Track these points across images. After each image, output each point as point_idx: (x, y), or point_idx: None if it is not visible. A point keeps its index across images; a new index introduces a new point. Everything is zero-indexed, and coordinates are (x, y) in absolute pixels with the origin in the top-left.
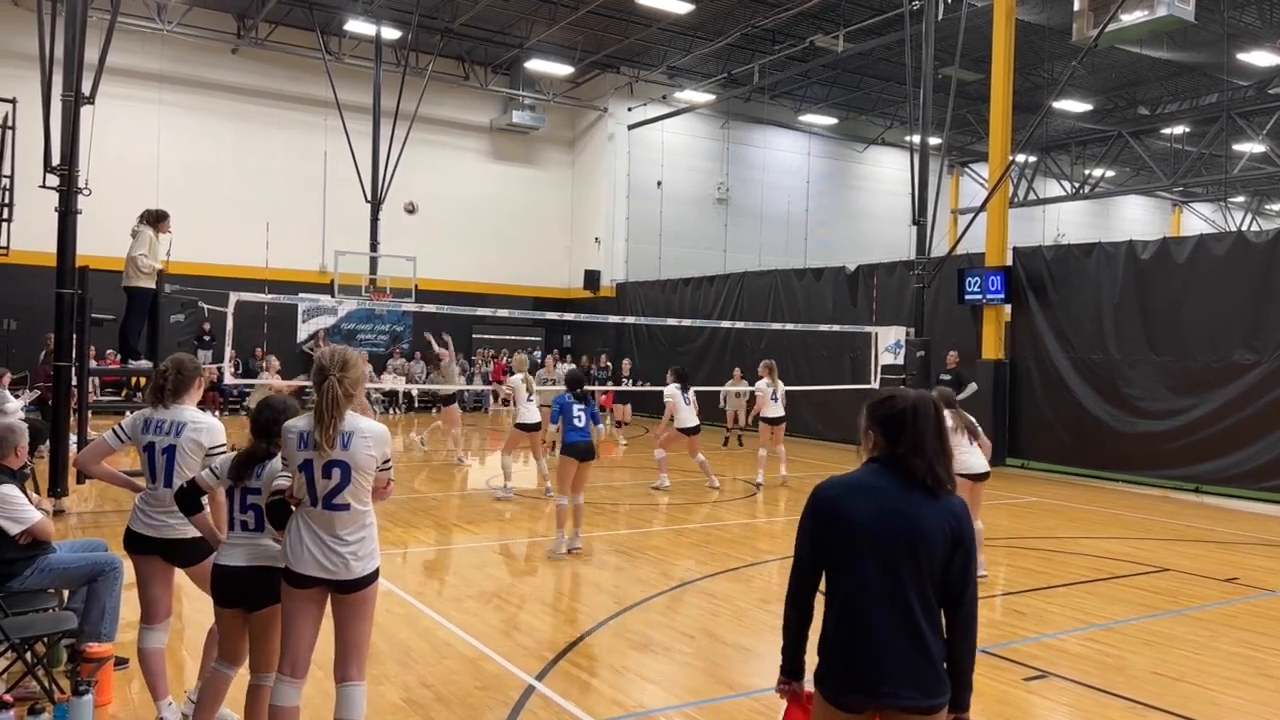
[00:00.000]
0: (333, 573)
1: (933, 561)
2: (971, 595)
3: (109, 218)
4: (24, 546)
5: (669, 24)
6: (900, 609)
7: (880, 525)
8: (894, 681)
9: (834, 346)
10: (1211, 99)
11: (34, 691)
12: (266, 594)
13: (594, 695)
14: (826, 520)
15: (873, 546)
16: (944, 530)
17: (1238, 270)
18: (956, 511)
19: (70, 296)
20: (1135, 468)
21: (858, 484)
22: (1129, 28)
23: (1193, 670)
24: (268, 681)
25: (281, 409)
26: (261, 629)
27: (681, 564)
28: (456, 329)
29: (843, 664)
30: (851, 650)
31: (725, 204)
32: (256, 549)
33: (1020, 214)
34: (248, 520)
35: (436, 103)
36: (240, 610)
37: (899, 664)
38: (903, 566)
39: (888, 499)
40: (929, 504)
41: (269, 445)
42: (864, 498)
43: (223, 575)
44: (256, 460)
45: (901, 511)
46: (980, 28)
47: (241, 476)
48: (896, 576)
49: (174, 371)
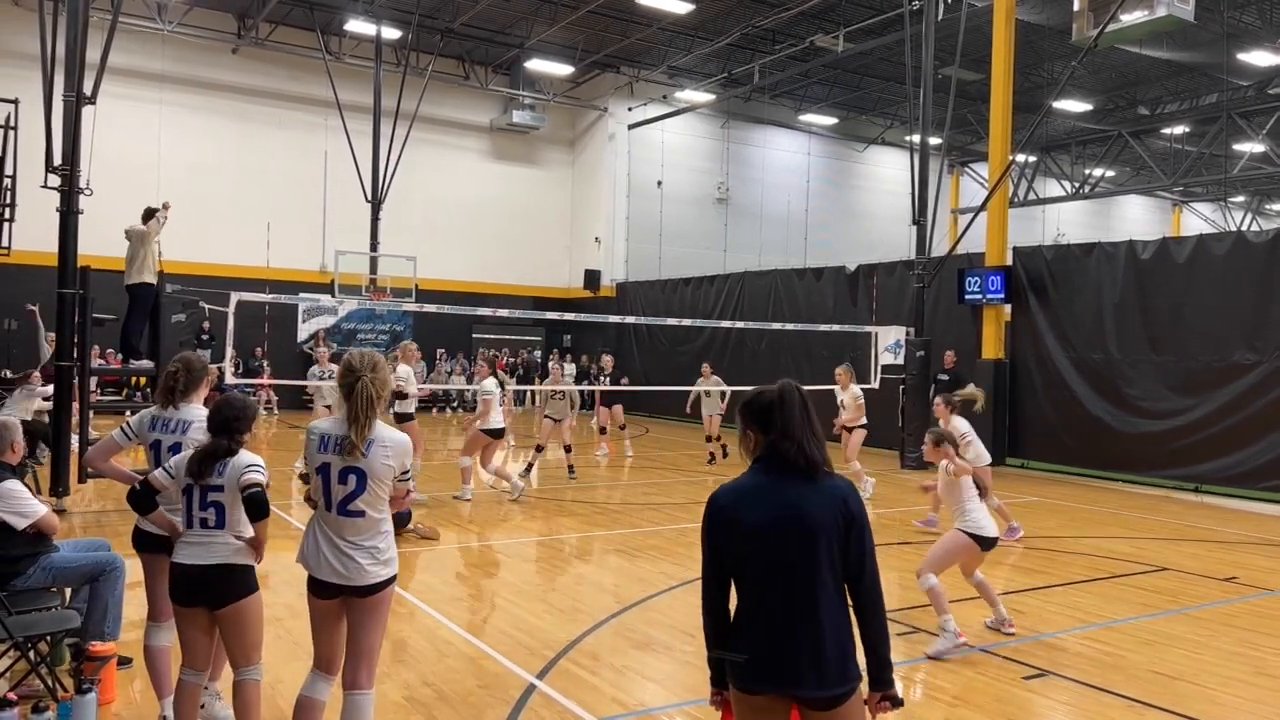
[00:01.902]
0: (347, 578)
1: (830, 548)
2: (871, 572)
3: (110, 218)
4: (29, 542)
5: (669, 24)
6: (799, 601)
7: (771, 523)
8: (794, 671)
9: (834, 346)
10: (1211, 99)
11: (37, 690)
12: (229, 591)
13: (595, 694)
14: (722, 527)
15: (766, 544)
16: (833, 515)
17: (1238, 270)
18: (841, 491)
19: (71, 296)
20: (1135, 468)
21: (744, 487)
22: (1129, 28)
23: (1192, 669)
24: (251, 675)
25: (241, 407)
26: (230, 625)
27: (682, 563)
28: (456, 329)
29: (748, 656)
30: (755, 643)
31: (725, 204)
32: (216, 547)
33: (1020, 214)
34: (207, 518)
35: (437, 102)
36: (203, 609)
37: (797, 655)
38: (797, 560)
39: (774, 496)
40: (812, 491)
41: (229, 443)
42: (750, 499)
43: (182, 574)
44: (217, 458)
45: (788, 505)
46: (980, 28)
47: (201, 474)
48: (792, 570)
49: (184, 372)
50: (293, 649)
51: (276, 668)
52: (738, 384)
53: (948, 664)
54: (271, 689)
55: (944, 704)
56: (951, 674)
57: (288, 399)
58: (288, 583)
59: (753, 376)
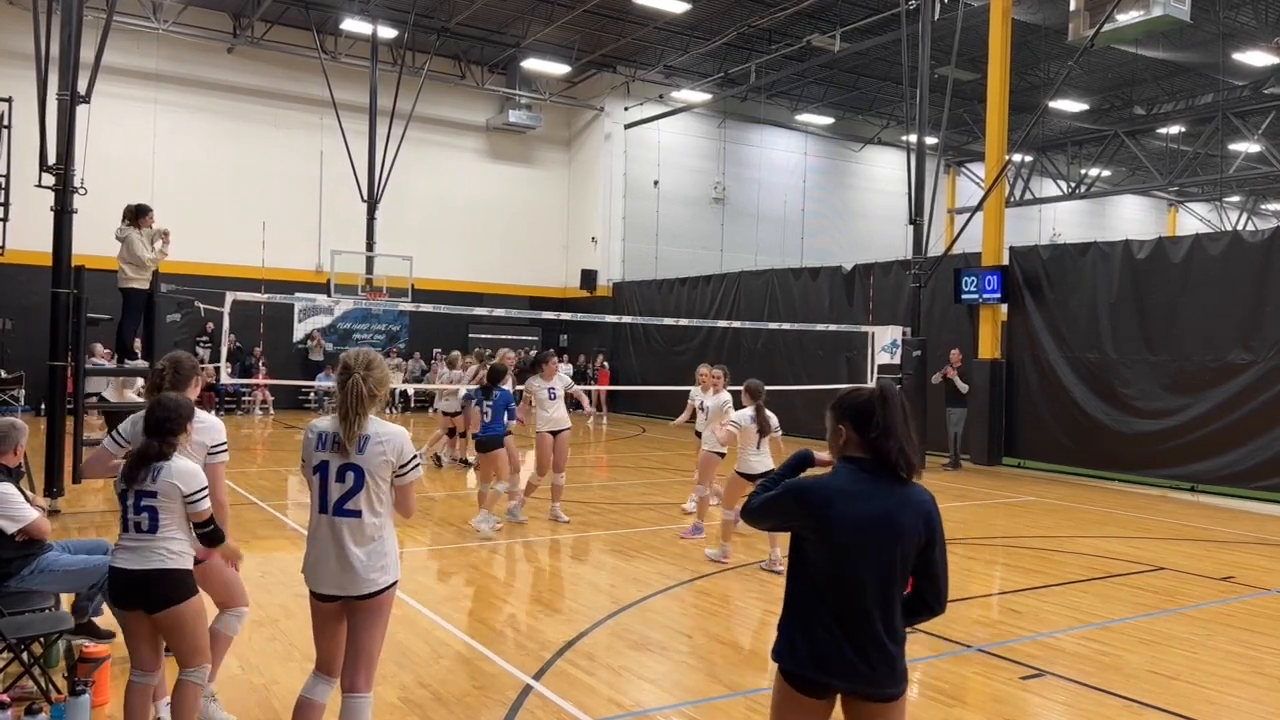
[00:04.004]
0: (347, 590)
1: (907, 557)
2: (943, 588)
3: (105, 217)
4: (20, 545)
5: (666, 23)
6: (870, 605)
7: (863, 529)
8: (853, 668)
9: (830, 346)
10: (1207, 99)
11: (31, 691)
12: (166, 595)
13: (591, 695)
14: (813, 514)
15: (853, 551)
16: (916, 526)
17: (1233, 270)
18: (927, 504)
19: (66, 296)
20: (1131, 467)
21: (839, 487)
22: (1125, 27)
23: (1189, 669)
24: (192, 677)
25: (174, 408)
26: (171, 629)
27: (679, 563)
28: (453, 328)
29: (806, 649)
30: (810, 638)
31: (722, 203)
32: (151, 553)
33: (1016, 213)
34: (141, 522)
35: (433, 102)
36: (141, 613)
37: (861, 653)
38: (878, 566)
39: (867, 501)
40: (904, 497)
41: (161, 445)
42: (847, 500)
43: (119, 578)
44: (148, 461)
45: (882, 512)
46: (976, 27)
47: (134, 478)
48: (871, 575)
49: (171, 370)
50: (287, 650)
51: (271, 668)
52: (734, 384)
53: (945, 664)
54: (266, 689)
55: (941, 704)
56: (949, 673)
57: (284, 399)
58: (283, 583)
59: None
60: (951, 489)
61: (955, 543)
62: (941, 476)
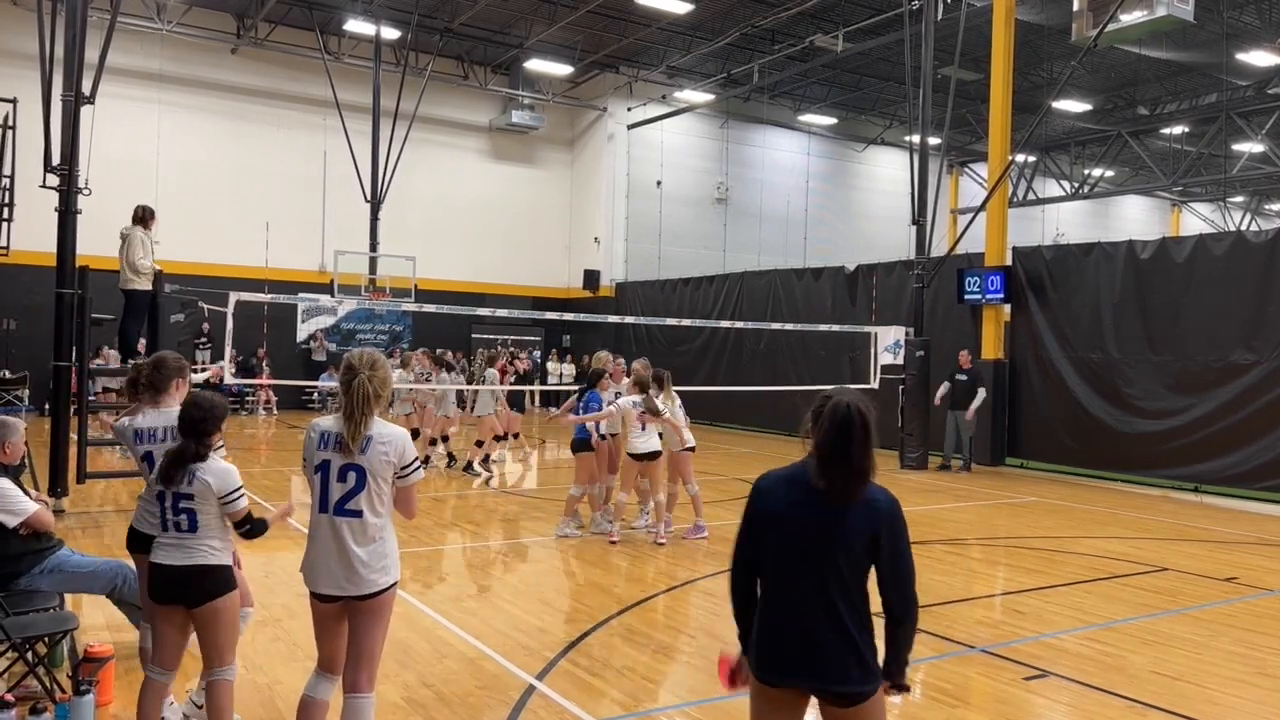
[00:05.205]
0: (347, 590)
1: (854, 550)
2: (900, 580)
3: (109, 217)
4: (26, 540)
5: (668, 24)
6: (818, 598)
7: (790, 510)
8: (811, 665)
9: (833, 346)
10: (1210, 99)
11: (35, 691)
12: (207, 591)
13: (595, 695)
14: (750, 503)
15: (791, 536)
16: (857, 530)
17: (1237, 270)
18: (875, 506)
19: (70, 296)
20: (1134, 467)
21: (785, 475)
22: (1128, 27)
23: (1192, 669)
24: (225, 675)
25: (208, 407)
26: (209, 623)
27: (683, 563)
28: (455, 329)
29: (758, 639)
30: (760, 628)
31: (725, 204)
32: (195, 550)
33: (1019, 214)
34: (180, 523)
35: (436, 102)
36: (179, 607)
37: (816, 649)
38: (815, 554)
39: (804, 503)
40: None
41: (197, 446)
42: (786, 486)
43: (160, 573)
44: (185, 462)
45: (814, 514)
46: (980, 27)
47: (171, 480)
48: (810, 564)
49: (150, 369)
50: (291, 650)
51: (275, 668)
52: (736, 384)
53: (948, 664)
54: (270, 689)
55: (944, 704)
56: (952, 674)
57: (287, 399)
58: (285, 583)
59: (751, 377)
60: (954, 489)
61: (957, 543)
62: (940, 478)
